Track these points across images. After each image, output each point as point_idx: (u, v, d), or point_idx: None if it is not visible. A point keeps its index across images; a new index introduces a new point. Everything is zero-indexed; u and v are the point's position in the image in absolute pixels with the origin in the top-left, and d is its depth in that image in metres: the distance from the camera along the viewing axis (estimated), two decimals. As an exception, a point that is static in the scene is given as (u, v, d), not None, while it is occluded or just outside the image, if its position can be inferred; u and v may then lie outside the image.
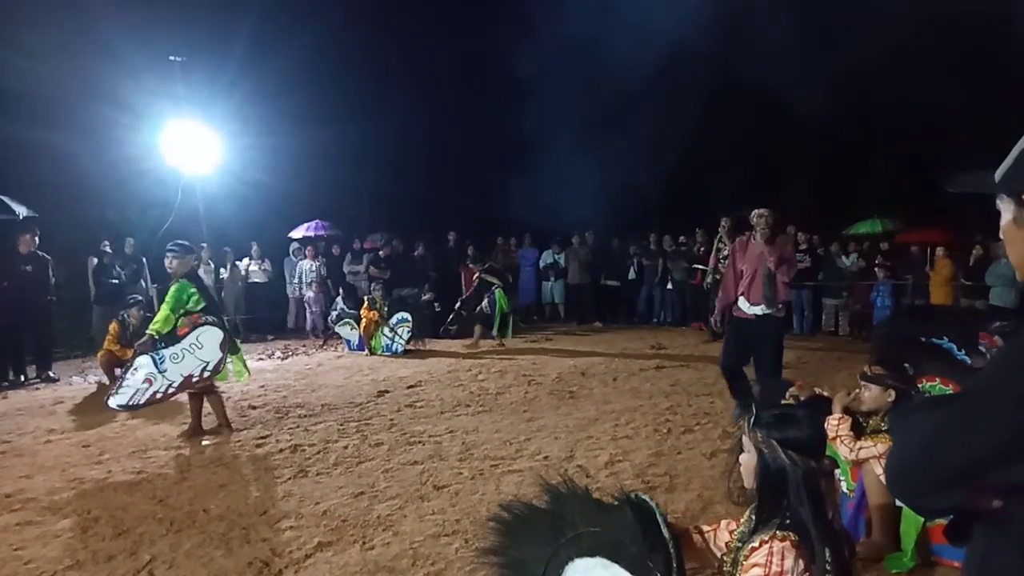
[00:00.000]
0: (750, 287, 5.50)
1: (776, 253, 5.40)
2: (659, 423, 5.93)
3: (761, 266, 5.42)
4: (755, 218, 5.51)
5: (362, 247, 13.42)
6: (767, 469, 1.90)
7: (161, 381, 5.37)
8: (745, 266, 5.57)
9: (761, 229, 5.47)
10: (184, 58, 11.95)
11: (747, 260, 5.58)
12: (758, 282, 5.45)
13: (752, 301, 5.51)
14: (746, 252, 5.64)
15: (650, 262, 13.09)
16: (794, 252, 5.67)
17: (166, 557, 3.57)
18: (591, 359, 9.12)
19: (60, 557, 3.60)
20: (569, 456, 5.09)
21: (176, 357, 5.43)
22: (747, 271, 5.55)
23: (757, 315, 5.50)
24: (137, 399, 5.29)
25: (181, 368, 5.44)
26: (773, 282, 5.41)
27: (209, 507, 4.22)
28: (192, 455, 5.31)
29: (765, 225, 5.44)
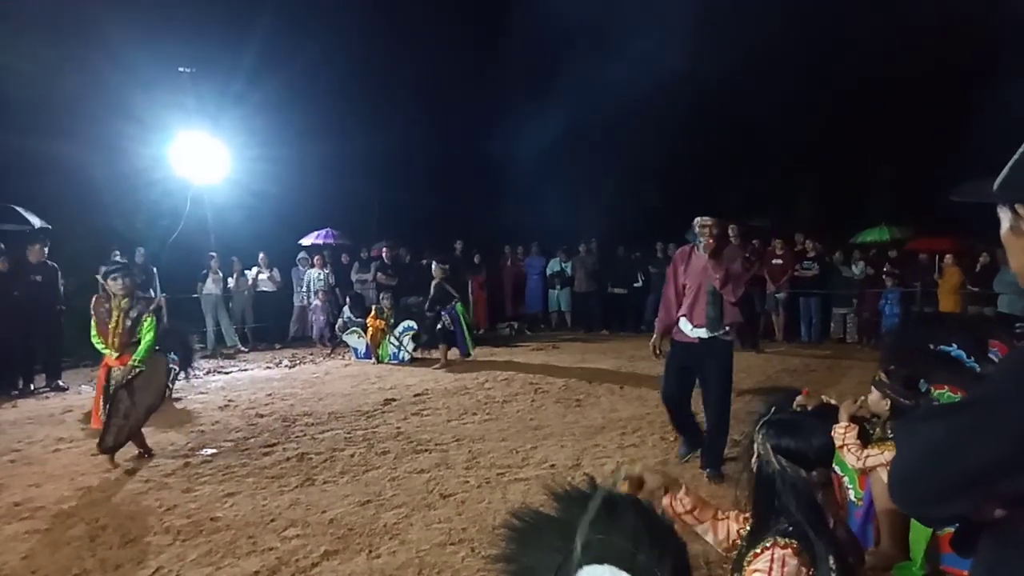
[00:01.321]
0: (692, 306, 4.78)
1: (721, 268, 4.68)
2: (666, 431, 5.90)
3: (705, 282, 4.73)
4: (697, 227, 4.77)
5: (370, 256, 13.46)
6: (760, 473, 1.91)
7: (135, 415, 5.34)
8: (687, 281, 4.86)
9: (704, 240, 4.72)
10: (193, 69, 12.05)
11: (689, 275, 4.87)
12: (701, 301, 4.74)
13: (695, 322, 4.78)
14: (688, 265, 4.91)
15: (657, 270, 13.06)
16: (743, 267, 4.98)
17: (173, 566, 3.57)
18: (598, 367, 9.11)
19: (68, 565, 3.61)
20: (576, 464, 5.08)
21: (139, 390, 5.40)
22: (689, 287, 4.84)
23: (701, 338, 4.78)
24: (121, 438, 5.27)
25: (146, 398, 5.41)
26: (719, 301, 4.72)
27: (216, 516, 4.23)
28: (199, 464, 5.32)
29: (708, 236, 4.69)
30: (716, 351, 4.79)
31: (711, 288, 4.69)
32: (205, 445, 5.85)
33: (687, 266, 4.89)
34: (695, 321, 4.78)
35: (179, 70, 12.54)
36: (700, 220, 4.73)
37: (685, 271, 4.89)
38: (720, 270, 4.67)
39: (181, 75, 12.44)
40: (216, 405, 7.40)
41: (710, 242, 4.65)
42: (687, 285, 4.85)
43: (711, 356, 4.78)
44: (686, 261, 4.91)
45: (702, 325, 4.74)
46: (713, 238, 4.66)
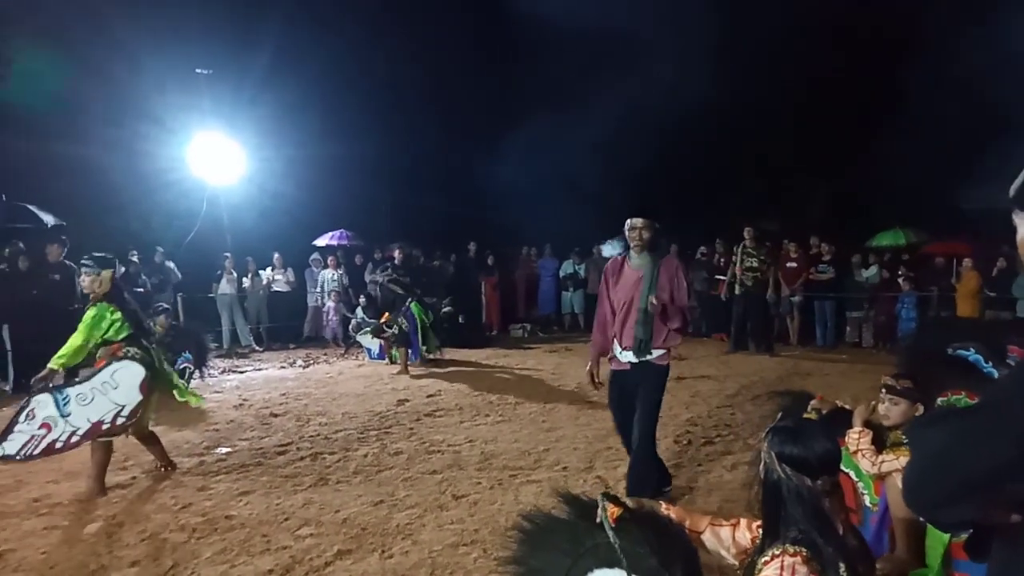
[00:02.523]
0: (623, 326, 4.14)
1: (664, 294, 4.06)
2: (679, 434, 5.89)
3: (637, 297, 4.06)
4: (628, 231, 4.13)
5: (383, 257, 13.52)
6: (766, 481, 1.91)
7: (62, 427, 4.38)
8: (618, 297, 4.19)
9: (636, 246, 4.12)
10: (210, 71, 12.15)
11: (620, 289, 4.19)
12: (631, 320, 4.10)
13: (624, 344, 4.14)
14: (619, 279, 4.22)
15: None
16: (686, 281, 4.22)
17: (188, 563, 3.61)
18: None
19: (85, 561, 3.65)
20: (588, 467, 5.08)
21: (83, 398, 4.44)
22: (619, 304, 4.17)
23: (632, 364, 4.13)
24: (30, 449, 4.29)
25: (89, 412, 4.44)
26: (650, 321, 4.04)
27: (231, 514, 4.26)
28: (214, 463, 5.36)
29: (639, 240, 4.08)
30: (648, 377, 4.12)
31: (644, 304, 4.01)
32: (220, 444, 5.90)
33: (618, 279, 4.22)
34: (624, 343, 4.14)
35: (196, 72, 12.66)
36: (629, 222, 4.11)
37: (615, 285, 4.22)
38: (665, 281, 4.09)
39: (198, 77, 12.56)
40: (231, 404, 7.46)
41: (642, 248, 4.10)
42: (617, 301, 4.19)
43: (642, 380, 4.12)
44: (616, 274, 4.24)
45: (630, 348, 4.11)
46: (643, 242, 4.07)
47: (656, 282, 4.05)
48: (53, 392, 4.41)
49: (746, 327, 10.79)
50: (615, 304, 4.20)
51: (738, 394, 7.51)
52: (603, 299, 4.31)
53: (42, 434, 4.32)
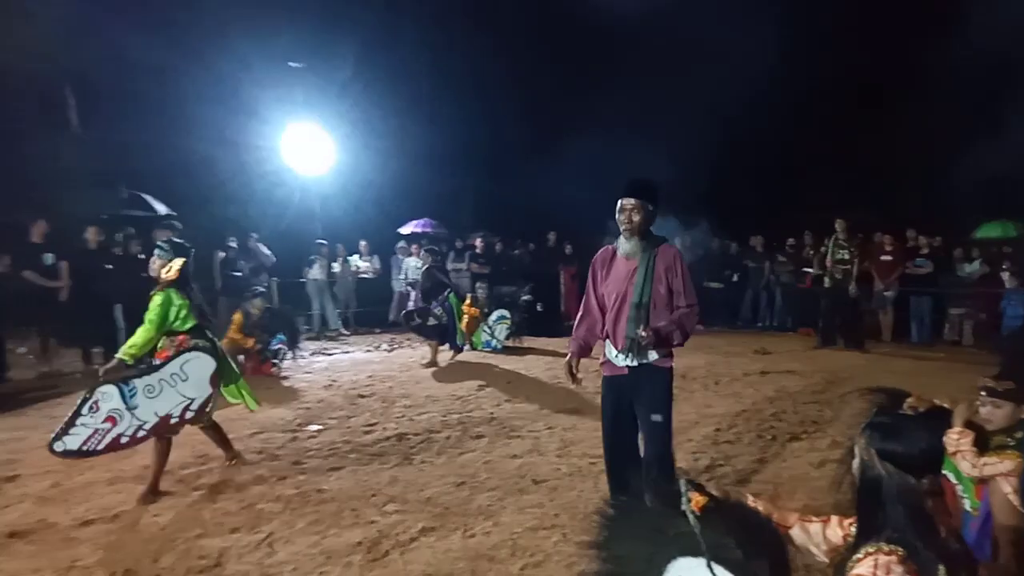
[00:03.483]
0: (615, 325, 3.59)
1: (663, 272, 3.53)
2: (763, 429, 5.77)
3: (631, 292, 3.53)
4: (617, 213, 3.58)
5: (465, 245, 13.73)
6: (863, 477, 1.85)
7: (128, 420, 4.12)
8: (609, 291, 3.64)
9: (626, 231, 3.55)
10: (304, 64, 12.61)
11: (610, 283, 3.65)
12: (625, 317, 3.55)
13: (618, 346, 3.60)
14: (609, 271, 3.67)
15: (755, 264, 12.72)
16: (686, 272, 3.60)
17: (283, 532, 3.82)
18: (691, 362, 8.95)
19: (190, 526, 3.93)
20: (668, 458, 5.04)
21: (151, 390, 4.18)
22: (610, 299, 3.62)
23: (629, 367, 3.57)
24: (93, 443, 4.04)
25: (156, 405, 4.21)
26: (643, 315, 3.48)
27: (322, 488, 4.48)
28: (306, 439, 5.63)
29: (629, 223, 3.51)
30: (650, 383, 3.56)
31: (637, 300, 3.49)
32: (311, 421, 6.17)
33: (607, 272, 3.67)
34: (618, 344, 3.59)
35: (290, 65, 13.18)
36: (619, 203, 3.55)
37: (605, 278, 3.68)
38: (663, 271, 3.52)
39: (292, 70, 13.07)
40: (320, 385, 7.78)
41: (632, 233, 3.52)
42: (608, 295, 3.64)
43: (643, 387, 3.56)
44: (606, 265, 3.69)
45: (625, 349, 3.57)
46: (633, 226, 3.50)
47: (652, 274, 3.49)
48: (119, 383, 4.08)
49: (835, 321, 10.39)
50: (605, 300, 3.65)
51: (825, 390, 7.27)
52: (590, 294, 3.74)
53: (106, 428, 4.04)
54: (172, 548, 3.64)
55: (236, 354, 8.27)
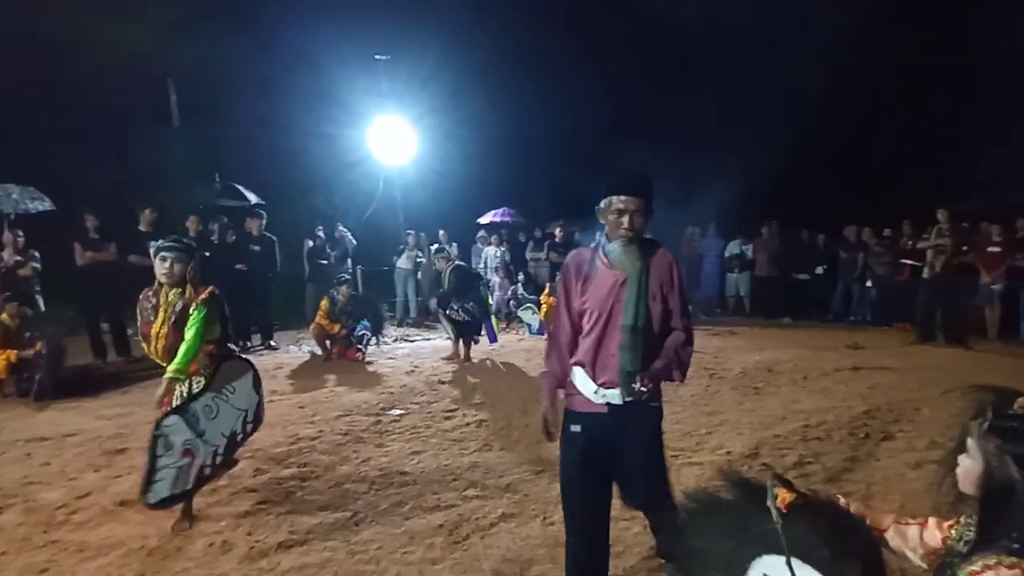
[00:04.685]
0: (596, 350, 2.76)
1: (657, 286, 2.76)
2: (855, 427, 5.53)
3: (619, 310, 2.72)
4: (608, 212, 2.75)
5: (543, 234, 13.74)
6: (992, 483, 1.72)
7: (203, 449, 3.73)
8: (588, 307, 2.79)
9: (623, 237, 2.72)
10: (389, 57, 12.87)
11: (591, 296, 2.79)
12: (611, 341, 2.73)
13: (600, 378, 2.75)
14: (587, 282, 2.81)
15: (848, 255, 12.17)
16: (683, 285, 2.88)
17: (368, 512, 3.95)
18: (778, 355, 8.68)
19: (282, 501, 4.11)
20: (753, 453, 4.92)
21: (209, 411, 3.79)
22: (591, 317, 2.78)
23: (611, 405, 2.73)
24: (183, 483, 3.65)
25: (220, 425, 3.84)
26: (640, 343, 2.70)
27: (405, 471, 4.59)
28: (389, 423, 5.78)
29: (630, 229, 2.70)
30: (638, 428, 2.76)
31: (629, 323, 2.69)
32: (394, 406, 6.33)
33: (584, 282, 2.81)
34: (600, 375, 2.74)
35: (375, 57, 13.49)
36: (614, 201, 2.71)
37: (583, 288, 2.81)
38: (658, 284, 2.76)
39: (377, 62, 13.37)
40: (403, 370, 7.97)
41: (629, 237, 2.70)
42: (587, 313, 2.79)
43: (629, 433, 2.75)
44: (584, 274, 2.82)
45: (611, 383, 2.71)
46: (635, 233, 2.70)
47: (647, 290, 2.72)
48: (180, 412, 3.68)
49: (935, 316, 9.82)
50: (582, 317, 2.80)
51: (922, 388, 6.89)
52: (561, 310, 2.88)
53: (187, 463, 3.65)
54: (264, 523, 3.82)
55: (323, 339, 8.62)
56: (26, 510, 3.99)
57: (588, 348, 2.78)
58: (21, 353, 6.95)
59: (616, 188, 2.71)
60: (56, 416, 6.02)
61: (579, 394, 2.80)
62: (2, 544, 3.62)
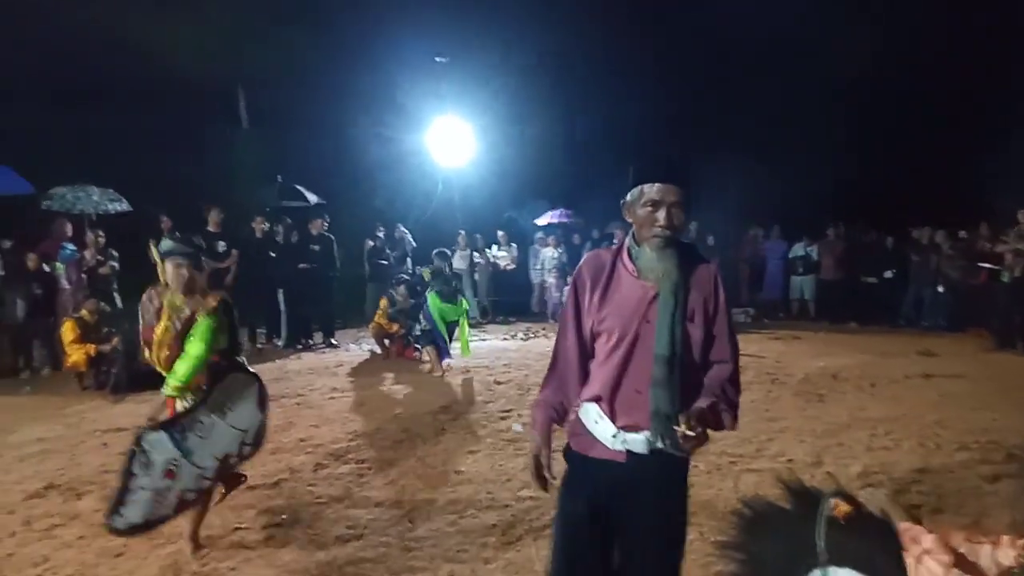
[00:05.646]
0: (617, 383, 2.15)
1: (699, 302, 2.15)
2: (925, 437, 5.31)
3: (649, 331, 2.10)
4: (640, 205, 2.13)
5: (603, 235, 13.64)
6: None
7: (187, 470, 3.30)
8: (607, 325, 2.16)
9: (656, 237, 2.10)
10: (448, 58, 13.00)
11: (609, 312, 2.16)
12: (640, 371, 2.12)
13: (621, 419, 2.15)
14: (606, 293, 2.18)
15: (920, 258, 11.69)
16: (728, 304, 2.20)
17: (423, 509, 4.00)
18: (844, 361, 8.40)
19: (340, 496, 4.20)
20: (816, 462, 4.77)
21: (201, 429, 3.37)
22: (610, 339, 2.16)
23: (632, 454, 2.13)
24: (160, 509, 3.26)
25: (212, 446, 3.41)
26: (676, 376, 2.09)
27: (460, 469, 4.64)
28: (446, 422, 5.84)
29: (668, 226, 2.09)
30: (662, 481, 2.16)
31: (664, 352, 2.07)
32: (450, 405, 6.39)
33: (603, 293, 2.18)
34: (622, 416, 2.14)
35: (435, 59, 13.67)
36: (646, 190, 2.11)
37: (600, 303, 2.17)
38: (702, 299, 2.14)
39: (438, 65, 13.55)
40: (459, 370, 8.03)
41: (662, 240, 2.08)
42: (605, 334, 2.16)
43: (650, 491, 2.14)
44: (602, 283, 2.18)
45: (636, 426, 2.12)
46: (674, 230, 2.09)
47: (685, 308, 2.11)
48: (165, 428, 3.29)
49: (1013, 321, 9.34)
50: (598, 339, 2.18)
51: (999, 397, 6.56)
52: (568, 327, 2.24)
53: (167, 485, 3.23)
54: (322, 517, 3.91)
55: (381, 338, 8.78)
56: (103, 497, 4.18)
57: (606, 380, 2.14)
58: (99, 347, 7.34)
59: (649, 174, 2.14)
60: (132, 408, 6.29)
61: (588, 435, 2.18)
62: (81, 528, 3.81)
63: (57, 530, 3.82)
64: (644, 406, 2.10)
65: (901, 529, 1.99)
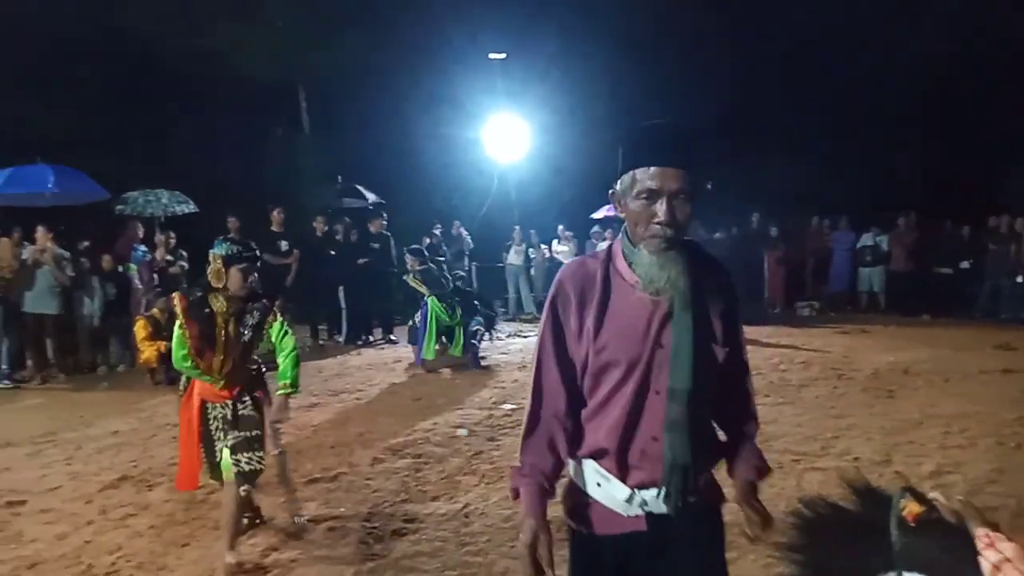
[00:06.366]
0: (626, 430, 1.61)
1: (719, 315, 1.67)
2: (1003, 435, 5.04)
3: (664, 360, 1.58)
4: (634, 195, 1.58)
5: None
6: None
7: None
8: (608, 357, 1.61)
9: (656, 237, 1.54)
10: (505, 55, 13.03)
11: (612, 337, 1.60)
12: (652, 413, 1.60)
13: (637, 476, 1.62)
14: (603, 315, 1.62)
15: (998, 247, 11.11)
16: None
17: (478, 504, 4.02)
18: (915, 356, 8.05)
19: (398, 491, 4.26)
20: (885, 460, 4.59)
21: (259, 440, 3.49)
22: (610, 375, 1.62)
23: (655, 517, 1.62)
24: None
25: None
26: (695, 415, 1.58)
27: (514, 464, 4.62)
28: (501, 417, 5.85)
29: (670, 221, 1.52)
30: (699, 542, 1.71)
31: (686, 382, 1.57)
32: (506, 400, 6.41)
33: (599, 314, 1.63)
34: (635, 472, 1.64)
35: (490, 56, 13.70)
36: (639, 177, 1.56)
37: (594, 324, 1.62)
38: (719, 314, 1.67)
39: (493, 62, 13.58)
40: (515, 365, 8.05)
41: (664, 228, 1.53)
42: (606, 365, 1.62)
43: (688, 560, 1.67)
44: (595, 299, 1.64)
45: (654, 482, 1.62)
46: (679, 227, 1.55)
47: (708, 325, 1.65)
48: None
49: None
50: (597, 374, 1.65)
51: (1089, 395, 6.19)
52: (548, 363, 1.70)
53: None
54: (380, 510, 3.97)
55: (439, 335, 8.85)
56: (172, 488, 4.35)
57: (613, 426, 1.62)
58: (170, 344, 7.61)
59: (643, 156, 1.57)
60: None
61: (594, 503, 1.69)
62: (151, 519, 3.97)
63: (130, 520, 3.98)
64: (655, 454, 1.61)
65: (977, 534, 1.89)
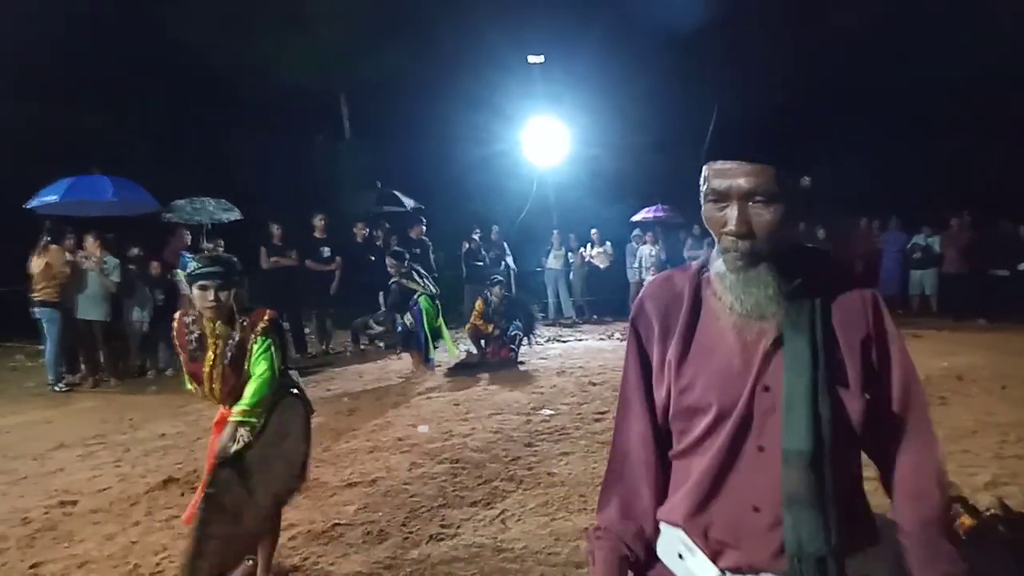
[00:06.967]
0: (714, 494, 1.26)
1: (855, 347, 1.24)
2: (1064, 445, 4.82)
3: (768, 404, 1.22)
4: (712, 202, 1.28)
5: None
6: None
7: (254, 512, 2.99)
8: (697, 400, 1.28)
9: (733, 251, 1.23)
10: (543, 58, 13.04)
11: (700, 373, 1.28)
12: (758, 474, 1.22)
13: (728, 557, 1.24)
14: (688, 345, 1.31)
15: (1060, 248, 10.67)
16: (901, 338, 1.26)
17: (515, 510, 3.99)
18: (970, 361, 7.77)
19: (435, 495, 4.25)
20: (936, 470, 4.41)
21: (264, 464, 3.04)
22: (700, 420, 1.28)
23: None
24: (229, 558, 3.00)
25: (269, 480, 3.05)
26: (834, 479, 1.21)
27: (552, 471, 4.60)
28: (539, 422, 5.82)
29: (743, 229, 1.21)
30: None
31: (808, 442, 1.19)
32: (544, 406, 6.37)
33: (686, 340, 1.32)
34: (729, 552, 1.25)
35: (529, 60, 13.72)
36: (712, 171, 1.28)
37: (681, 357, 1.31)
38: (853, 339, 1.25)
39: (531, 66, 13.59)
40: (554, 370, 8.00)
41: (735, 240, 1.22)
42: (692, 409, 1.29)
43: None
44: (681, 324, 1.33)
45: (750, 568, 1.23)
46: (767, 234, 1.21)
47: (835, 362, 1.23)
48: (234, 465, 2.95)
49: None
50: (684, 417, 1.32)
51: None
52: (632, 399, 1.45)
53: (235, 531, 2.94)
54: (417, 515, 3.97)
55: (478, 338, 8.87)
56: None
57: (696, 487, 1.29)
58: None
59: (712, 147, 1.31)
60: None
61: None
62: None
63: (175, 521, 4.06)
64: (767, 536, 1.22)
65: None
